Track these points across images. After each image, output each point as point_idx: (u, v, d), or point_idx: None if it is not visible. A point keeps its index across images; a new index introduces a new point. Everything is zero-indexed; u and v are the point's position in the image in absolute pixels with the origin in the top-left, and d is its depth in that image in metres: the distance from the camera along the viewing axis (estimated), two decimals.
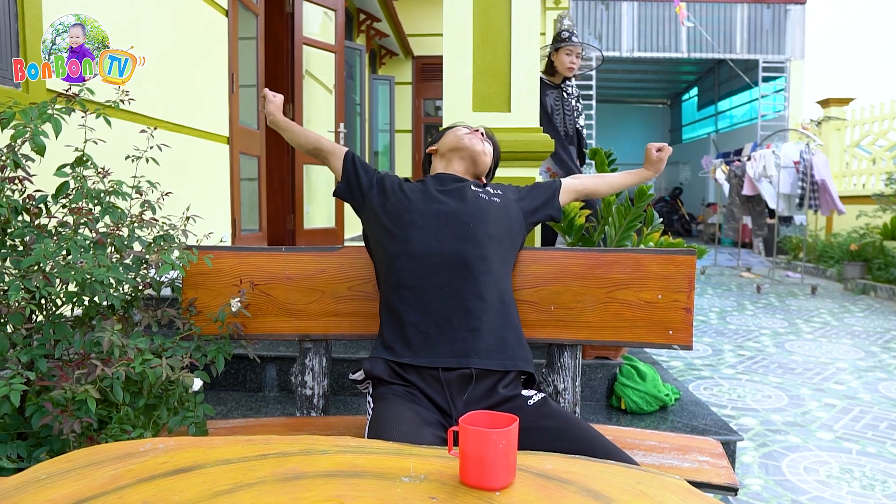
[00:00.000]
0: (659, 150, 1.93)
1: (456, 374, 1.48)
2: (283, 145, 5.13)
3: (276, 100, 1.89)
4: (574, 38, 3.68)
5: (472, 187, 1.72)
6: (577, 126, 3.77)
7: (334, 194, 1.86)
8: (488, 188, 1.76)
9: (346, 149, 1.88)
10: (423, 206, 1.64)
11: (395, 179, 1.78)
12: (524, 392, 1.53)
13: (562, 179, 1.91)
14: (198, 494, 0.85)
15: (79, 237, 1.49)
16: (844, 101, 10.32)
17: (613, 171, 2.81)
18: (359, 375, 1.59)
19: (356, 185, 1.80)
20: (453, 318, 1.52)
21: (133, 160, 1.74)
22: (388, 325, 1.60)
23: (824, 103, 10.50)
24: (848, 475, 2.49)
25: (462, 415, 1.37)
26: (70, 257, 1.44)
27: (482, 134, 1.86)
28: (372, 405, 1.52)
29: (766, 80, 12.57)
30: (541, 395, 1.53)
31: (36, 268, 1.42)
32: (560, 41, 3.70)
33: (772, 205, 8.30)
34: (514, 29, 2.74)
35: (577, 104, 3.82)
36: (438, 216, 1.62)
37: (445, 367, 1.49)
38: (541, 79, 3.67)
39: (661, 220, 2.60)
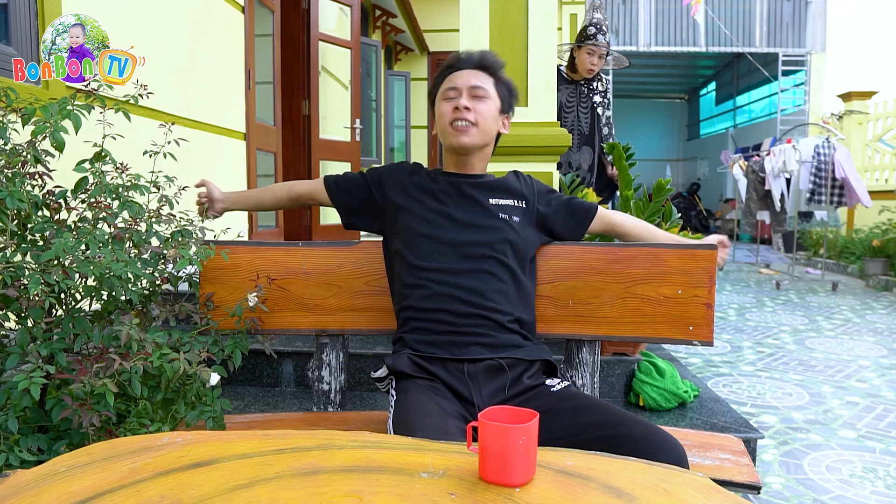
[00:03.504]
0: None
1: (482, 366, 1.48)
2: (300, 141, 5.13)
3: (213, 193, 1.85)
4: (600, 37, 3.40)
5: (490, 200, 1.64)
6: (601, 125, 3.56)
7: (346, 227, 1.81)
8: (508, 201, 1.66)
9: (321, 178, 1.83)
10: (437, 233, 1.61)
11: (393, 174, 1.73)
12: (547, 381, 1.54)
13: (599, 207, 1.81)
14: (215, 488, 0.85)
15: (97, 232, 1.50)
16: (867, 95, 10.13)
17: (631, 165, 2.78)
18: (381, 372, 1.58)
19: (356, 199, 1.76)
20: (480, 311, 1.52)
21: (151, 156, 1.74)
22: (412, 321, 1.58)
23: (846, 97, 10.32)
24: (871, 474, 2.45)
25: (486, 405, 1.37)
26: (89, 252, 1.44)
27: (465, 108, 1.60)
28: (395, 397, 1.50)
29: (785, 73, 12.38)
30: (564, 382, 1.54)
31: (55, 262, 1.43)
32: (584, 38, 3.43)
33: (776, 203, 8.18)
34: (531, 23, 2.72)
35: (605, 99, 3.57)
36: (454, 244, 1.59)
37: (471, 359, 1.48)
38: (559, 73, 3.53)
39: (679, 215, 2.57)
